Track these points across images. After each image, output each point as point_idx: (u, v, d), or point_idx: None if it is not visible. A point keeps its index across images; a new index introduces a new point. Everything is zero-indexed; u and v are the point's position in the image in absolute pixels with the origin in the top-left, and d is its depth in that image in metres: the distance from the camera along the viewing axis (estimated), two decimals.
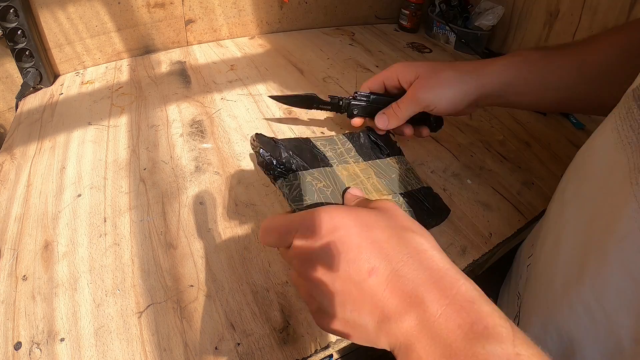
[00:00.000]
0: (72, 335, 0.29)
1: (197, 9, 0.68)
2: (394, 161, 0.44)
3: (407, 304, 0.21)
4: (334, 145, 0.44)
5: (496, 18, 0.75)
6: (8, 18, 0.50)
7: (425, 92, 0.40)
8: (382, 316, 0.21)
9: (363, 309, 0.22)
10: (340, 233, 0.23)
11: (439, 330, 0.20)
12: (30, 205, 0.39)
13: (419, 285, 0.21)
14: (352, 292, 0.22)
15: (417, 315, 0.20)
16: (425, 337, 0.20)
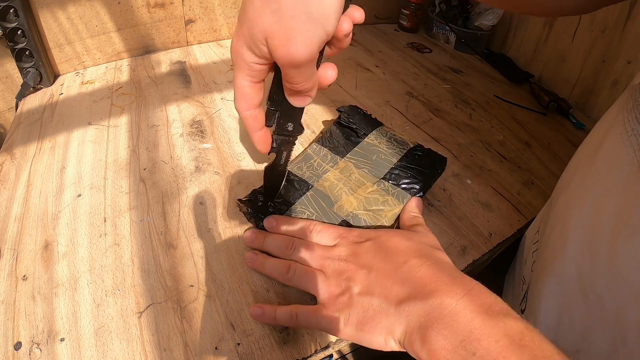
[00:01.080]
0: (72, 335, 0.29)
1: (197, 9, 0.68)
2: (373, 138, 0.44)
3: (434, 287, 0.24)
4: (309, 161, 0.42)
5: (496, 18, 0.75)
6: (8, 18, 0.50)
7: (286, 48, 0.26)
8: (408, 296, 0.25)
9: (392, 291, 0.26)
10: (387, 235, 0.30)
11: (460, 310, 0.23)
12: (30, 205, 0.39)
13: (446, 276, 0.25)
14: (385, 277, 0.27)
15: (442, 295, 0.24)
16: (446, 316, 0.23)
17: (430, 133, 0.54)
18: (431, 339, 0.23)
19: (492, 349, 0.21)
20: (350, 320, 0.27)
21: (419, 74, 0.70)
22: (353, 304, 0.27)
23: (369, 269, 0.28)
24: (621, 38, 0.57)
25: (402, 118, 0.57)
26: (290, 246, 0.32)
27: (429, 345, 0.23)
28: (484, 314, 0.22)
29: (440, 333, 0.23)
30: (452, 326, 0.22)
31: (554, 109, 0.63)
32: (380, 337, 0.26)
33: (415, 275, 0.26)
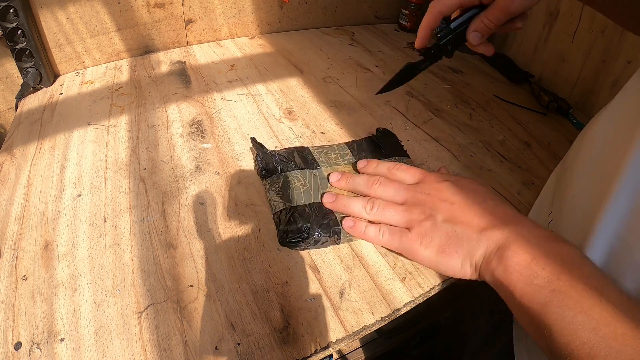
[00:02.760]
0: (72, 335, 0.29)
1: (197, 9, 0.68)
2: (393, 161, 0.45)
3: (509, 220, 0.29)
4: (330, 152, 0.46)
5: None
6: (8, 18, 0.50)
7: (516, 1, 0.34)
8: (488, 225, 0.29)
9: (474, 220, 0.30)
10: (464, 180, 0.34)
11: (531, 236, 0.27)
12: (30, 205, 0.39)
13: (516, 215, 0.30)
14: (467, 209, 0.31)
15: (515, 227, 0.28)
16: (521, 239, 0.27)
17: (430, 133, 0.54)
18: (508, 257, 0.27)
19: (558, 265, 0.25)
20: (432, 244, 0.31)
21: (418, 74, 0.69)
22: (437, 229, 0.31)
23: (451, 202, 0.32)
24: (621, 38, 0.57)
25: (402, 118, 0.57)
26: (376, 181, 0.36)
27: (506, 261, 0.27)
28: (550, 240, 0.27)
29: (515, 252, 0.27)
30: (525, 247, 0.27)
31: (554, 109, 0.63)
32: (458, 260, 0.30)
33: (494, 210, 0.30)
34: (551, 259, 0.26)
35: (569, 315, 0.23)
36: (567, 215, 0.34)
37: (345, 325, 0.32)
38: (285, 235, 0.37)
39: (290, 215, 0.38)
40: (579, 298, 0.23)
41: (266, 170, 0.43)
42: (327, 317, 0.32)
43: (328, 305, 0.33)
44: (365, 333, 0.33)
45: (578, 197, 0.33)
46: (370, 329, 0.32)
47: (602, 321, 0.22)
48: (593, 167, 0.32)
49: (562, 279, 0.24)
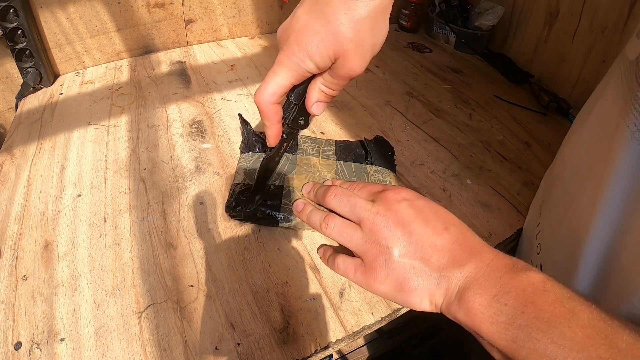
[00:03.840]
0: (72, 335, 0.29)
1: (197, 9, 0.68)
2: (372, 169, 0.44)
3: (469, 254, 0.28)
4: (315, 144, 0.47)
5: (496, 18, 0.75)
6: (8, 18, 0.50)
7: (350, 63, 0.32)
8: (447, 263, 0.28)
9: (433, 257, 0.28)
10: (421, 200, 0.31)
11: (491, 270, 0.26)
12: (30, 205, 0.39)
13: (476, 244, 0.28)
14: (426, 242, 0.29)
15: (475, 262, 0.27)
16: (482, 276, 0.26)
17: (430, 133, 0.54)
18: (468, 298, 0.26)
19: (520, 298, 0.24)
20: (389, 280, 0.29)
21: (419, 74, 0.70)
22: (393, 265, 0.30)
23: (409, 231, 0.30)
24: (621, 38, 0.57)
25: (402, 118, 0.57)
26: (332, 193, 0.34)
27: (466, 304, 0.26)
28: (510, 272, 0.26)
29: (476, 292, 0.26)
30: (485, 286, 0.26)
31: (554, 109, 0.63)
32: (417, 298, 0.29)
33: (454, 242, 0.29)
34: (513, 293, 0.25)
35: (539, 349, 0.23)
36: (556, 231, 0.34)
37: (345, 326, 0.32)
38: (230, 207, 0.39)
39: (240, 191, 0.39)
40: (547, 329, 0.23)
41: (245, 146, 0.44)
42: (327, 317, 0.32)
43: (328, 305, 0.33)
44: (365, 333, 0.33)
45: (566, 214, 0.33)
46: (370, 329, 0.32)
47: (574, 347, 0.22)
48: (578, 182, 0.32)
49: (526, 312, 0.24)
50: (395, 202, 0.31)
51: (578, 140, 0.35)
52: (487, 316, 0.25)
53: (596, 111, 0.32)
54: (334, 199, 0.33)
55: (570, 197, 0.33)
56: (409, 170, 0.48)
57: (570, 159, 0.36)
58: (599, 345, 0.21)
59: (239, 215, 0.38)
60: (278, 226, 0.38)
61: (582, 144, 0.34)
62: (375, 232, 0.31)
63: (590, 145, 0.32)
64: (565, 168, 0.36)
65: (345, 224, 0.32)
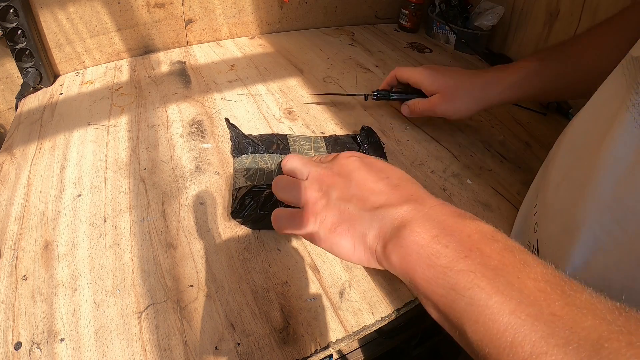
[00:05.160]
0: (72, 335, 0.29)
1: (197, 9, 0.68)
2: None
3: (407, 199, 0.26)
4: (305, 142, 0.47)
5: (496, 18, 0.75)
6: (8, 18, 0.50)
7: (443, 107, 0.48)
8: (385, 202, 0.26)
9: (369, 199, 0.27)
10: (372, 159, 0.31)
11: (433, 213, 0.24)
12: (30, 205, 0.39)
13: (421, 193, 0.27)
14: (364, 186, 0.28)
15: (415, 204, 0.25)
16: (420, 217, 0.24)
17: (430, 133, 0.54)
18: (404, 237, 0.23)
19: (465, 242, 0.21)
20: (325, 223, 0.28)
21: None
22: (329, 207, 0.29)
23: (349, 178, 0.29)
24: None
25: (402, 118, 0.57)
26: (287, 157, 0.35)
27: (402, 241, 0.23)
28: (456, 217, 0.23)
29: (413, 231, 0.23)
30: (425, 225, 0.23)
31: (554, 109, 0.63)
32: (349, 242, 0.27)
33: (394, 188, 0.27)
34: (456, 235, 0.22)
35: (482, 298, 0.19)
36: (550, 204, 0.34)
37: (345, 325, 0.32)
38: (236, 211, 0.38)
39: (245, 193, 0.39)
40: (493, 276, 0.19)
41: (237, 149, 0.44)
42: (327, 317, 0.32)
43: (328, 305, 0.33)
44: (365, 333, 0.33)
45: (560, 186, 0.33)
46: (370, 329, 0.32)
47: (524, 301, 0.18)
48: (574, 157, 0.32)
49: (470, 257, 0.21)
50: (344, 158, 0.32)
51: (575, 123, 0.36)
52: (423, 257, 0.22)
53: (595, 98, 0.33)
54: (287, 162, 0.35)
55: (563, 174, 0.33)
56: (409, 170, 0.48)
57: (565, 138, 0.36)
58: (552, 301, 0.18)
59: (247, 218, 0.38)
60: None
61: (580, 124, 0.34)
62: (319, 180, 0.31)
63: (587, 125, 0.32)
64: (560, 147, 0.36)
65: (290, 180, 0.33)
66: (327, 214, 0.29)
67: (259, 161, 0.43)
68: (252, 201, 0.38)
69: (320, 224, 0.29)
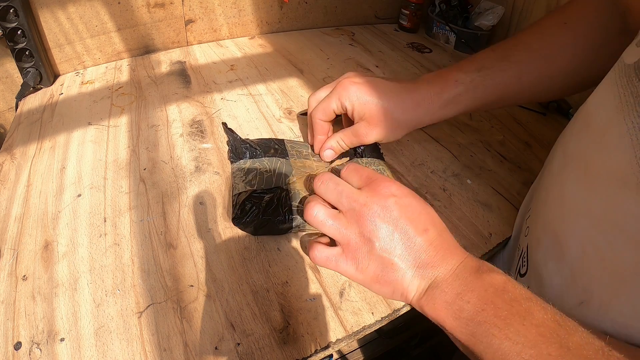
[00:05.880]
0: (72, 335, 0.29)
1: (197, 9, 0.68)
2: (364, 161, 0.45)
3: (442, 256, 0.30)
4: (303, 148, 0.47)
5: (496, 18, 0.75)
6: (8, 18, 0.50)
7: (371, 136, 0.42)
8: (423, 264, 0.30)
9: (411, 255, 0.30)
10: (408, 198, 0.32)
11: (460, 271, 0.29)
12: (30, 205, 0.39)
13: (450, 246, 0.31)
14: (406, 241, 0.30)
15: (447, 264, 0.29)
16: (450, 276, 0.29)
17: (430, 133, 0.54)
18: (436, 295, 0.29)
19: (482, 297, 0.27)
20: (367, 271, 0.31)
21: (418, 74, 0.70)
22: (373, 257, 0.31)
23: (393, 227, 0.31)
24: None
25: None
26: (321, 180, 0.35)
27: (434, 300, 0.29)
28: (475, 273, 0.28)
29: (443, 291, 0.28)
30: (451, 285, 0.28)
31: (554, 109, 0.63)
32: (390, 290, 0.31)
33: (432, 244, 0.30)
34: (475, 291, 0.27)
35: (495, 344, 0.24)
36: (541, 211, 0.35)
37: (345, 325, 0.32)
38: (238, 217, 0.37)
39: (246, 198, 0.38)
40: (503, 325, 0.25)
41: (234, 154, 0.44)
42: (327, 317, 0.32)
43: (328, 305, 0.33)
44: (365, 333, 0.33)
45: (549, 195, 0.34)
46: (370, 329, 0.32)
47: (527, 344, 0.23)
48: (566, 168, 0.33)
49: (486, 310, 0.26)
50: (384, 198, 0.32)
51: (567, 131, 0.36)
52: (451, 312, 0.28)
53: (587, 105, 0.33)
54: (321, 185, 0.34)
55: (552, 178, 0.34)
56: (409, 170, 0.48)
57: (558, 147, 0.37)
58: (549, 344, 0.23)
59: (249, 224, 0.37)
60: (291, 232, 0.38)
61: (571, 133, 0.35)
62: (360, 224, 0.31)
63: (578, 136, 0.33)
64: (554, 155, 0.37)
65: (329, 213, 0.32)
66: (370, 263, 0.31)
67: (258, 166, 0.42)
68: (254, 207, 0.37)
69: (363, 271, 0.31)
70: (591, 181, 0.28)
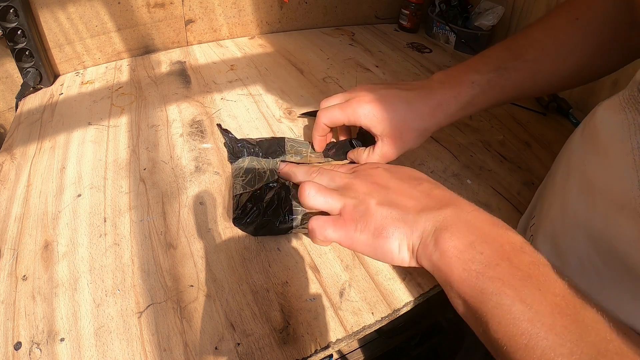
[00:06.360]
0: (72, 335, 0.29)
1: (197, 9, 0.68)
2: None
3: (446, 202, 0.28)
4: (302, 147, 0.47)
5: (496, 18, 0.75)
6: (8, 18, 0.50)
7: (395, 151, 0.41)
8: (425, 207, 0.28)
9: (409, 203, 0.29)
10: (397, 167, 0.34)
11: (472, 219, 0.26)
12: (30, 205, 0.39)
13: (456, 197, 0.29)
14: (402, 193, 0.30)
15: (454, 209, 0.27)
16: (459, 222, 0.26)
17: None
18: (445, 240, 0.26)
19: (498, 251, 0.24)
20: (368, 228, 0.30)
21: (419, 74, 0.70)
22: (371, 213, 0.30)
23: (385, 186, 0.30)
24: None
25: None
26: (314, 171, 0.36)
27: (442, 245, 0.26)
28: (492, 225, 0.26)
29: (453, 235, 0.26)
30: (463, 230, 0.26)
31: (554, 109, 0.63)
32: (395, 243, 0.29)
33: (431, 194, 0.29)
34: (490, 244, 0.24)
35: (506, 304, 0.22)
36: (543, 221, 0.34)
37: (345, 325, 0.32)
38: (239, 218, 0.38)
39: (247, 199, 0.38)
40: (518, 286, 0.22)
41: (232, 155, 0.44)
42: (327, 317, 0.32)
43: (328, 305, 0.33)
44: (365, 333, 0.33)
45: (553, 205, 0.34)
46: (370, 329, 0.32)
47: (542, 311, 0.21)
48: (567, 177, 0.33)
49: (501, 265, 0.23)
50: (371, 169, 0.33)
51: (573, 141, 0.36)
52: (461, 261, 0.25)
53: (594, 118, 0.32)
54: (317, 175, 0.36)
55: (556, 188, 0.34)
56: None
57: (562, 161, 0.36)
58: (565, 315, 0.21)
59: (250, 225, 0.37)
60: (291, 232, 0.38)
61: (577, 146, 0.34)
62: (355, 188, 0.32)
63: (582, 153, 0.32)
64: (558, 168, 0.36)
65: (322, 188, 0.33)
66: (368, 219, 0.30)
67: (256, 165, 0.43)
68: (254, 207, 0.37)
69: (362, 230, 0.30)
70: (592, 198, 0.27)
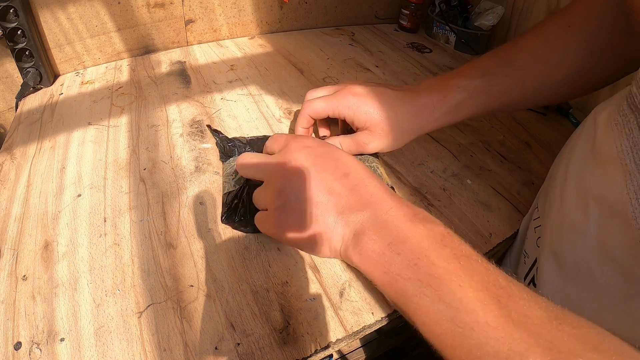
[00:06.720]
0: (72, 335, 0.29)
1: (197, 9, 0.68)
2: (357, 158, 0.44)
3: (366, 202, 0.27)
4: None
5: (496, 18, 0.75)
6: (8, 18, 0.50)
7: (372, 145, 0.41)
8: (344, 209, 0.27)
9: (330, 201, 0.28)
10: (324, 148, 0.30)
11: (389, 219, 0.25)
12: (30, 205, 0.39)
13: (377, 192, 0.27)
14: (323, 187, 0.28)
15: (372, 210, 0.26)
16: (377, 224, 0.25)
17: (430, 133, 0.54)
18: (363, 243, 0.26)
19: (415, 249, 0.23)
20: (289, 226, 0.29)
21: (419, 74, 0.70)
22: (290, 210, 0.29)
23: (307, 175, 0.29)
24: None
25: None
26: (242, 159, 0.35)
27: (360, 249, 0.26)
28: (409, 221, 0.25)
29: (370, 238, 0.25)
30: (380, 232, 0.25)
31: (554, 109, 0.63)
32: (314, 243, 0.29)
33: (353, 189, 0.28)
34: (408, 242, 0.24)
35: (425, 305, 0.21)
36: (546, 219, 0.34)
37: (345, 325, 0.32)
38: (228, 216, 0.38)
39: (235, 196, 0.38)
40: (437, 285, 0.21)
41: (224, 154, 0.45)
42: (327, 317, 0.32)
43: (328, 305, 0.33)
44: (365, 333, 0.33)
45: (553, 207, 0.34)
46: (370, 329, 0.32)
47: (462, 309, 0.20)
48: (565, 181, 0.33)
49: (418, 265, 0.22)
50: (296, 150, 0.31)
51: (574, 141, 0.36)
52: (379, 264, 0.24)
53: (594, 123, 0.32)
54: (243, 167, 0.35)
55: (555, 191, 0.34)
56: (409, 170, 0.48)
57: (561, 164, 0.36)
58: (488, 311, 0.19)
59: (238, 222, 0.37)
60: None
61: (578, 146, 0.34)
62: (274, 181, 0.31)
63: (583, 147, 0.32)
64: (558, 171, 0.36)
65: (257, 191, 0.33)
66: (288, 218, 0.29)
67: None
68: (240, 204, 0.38)
69: (285, 228, 0.29)
70: (588, 203, 0.27)
